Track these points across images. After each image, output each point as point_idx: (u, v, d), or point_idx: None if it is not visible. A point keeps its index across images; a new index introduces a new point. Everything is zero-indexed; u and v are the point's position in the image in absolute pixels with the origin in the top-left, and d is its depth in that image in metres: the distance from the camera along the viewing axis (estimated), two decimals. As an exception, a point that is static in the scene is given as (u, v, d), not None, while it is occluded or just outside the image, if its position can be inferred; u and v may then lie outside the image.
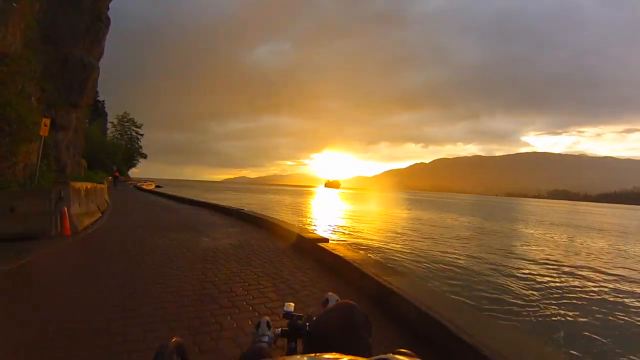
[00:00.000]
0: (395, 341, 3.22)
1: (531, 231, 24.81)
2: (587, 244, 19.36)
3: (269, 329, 1.70)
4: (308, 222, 21.61)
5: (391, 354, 0.62)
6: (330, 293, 1.91)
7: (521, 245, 17.23)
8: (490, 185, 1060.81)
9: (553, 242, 19.59)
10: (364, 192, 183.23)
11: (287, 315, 1.50)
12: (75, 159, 30.56)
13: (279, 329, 1.42)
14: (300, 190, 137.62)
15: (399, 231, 19.82)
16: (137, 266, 5.63)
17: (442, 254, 13.20)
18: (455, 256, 13.05)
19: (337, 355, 0.62)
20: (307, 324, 1.38)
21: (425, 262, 11.56)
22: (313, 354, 0.65)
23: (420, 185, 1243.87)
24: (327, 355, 0.62)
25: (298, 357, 0.63)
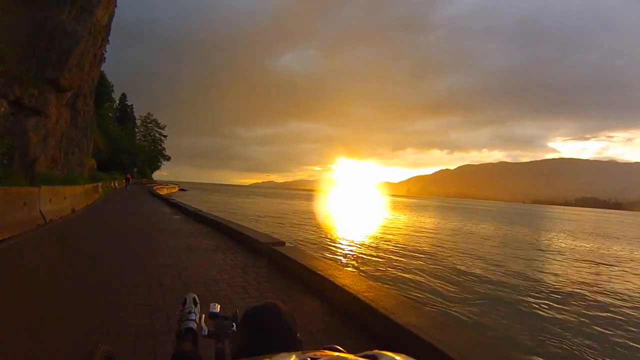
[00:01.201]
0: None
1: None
2: None
3: (195, 306, 1.62)
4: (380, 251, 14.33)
5: (377, 350, 0.59)
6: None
7: None
8: (516, 192, 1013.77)
9: None
10: (392, 198, 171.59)
11: (213, 316, 1.39)
12: (73, 156, 24.61)
13: (206, 330, 1.33)
14: (330, 195, 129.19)
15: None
16: None
17: None
18: None
19: (327, 353, 0.58)
20: (234, 324, 1.34)
21: None
22: (301, 351, 0.60)
23: (445, 191, 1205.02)
24: (317, 353, 0.58)
25: (284, 354, 0.58)
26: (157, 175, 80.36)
